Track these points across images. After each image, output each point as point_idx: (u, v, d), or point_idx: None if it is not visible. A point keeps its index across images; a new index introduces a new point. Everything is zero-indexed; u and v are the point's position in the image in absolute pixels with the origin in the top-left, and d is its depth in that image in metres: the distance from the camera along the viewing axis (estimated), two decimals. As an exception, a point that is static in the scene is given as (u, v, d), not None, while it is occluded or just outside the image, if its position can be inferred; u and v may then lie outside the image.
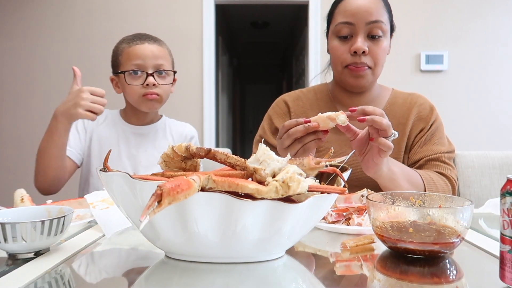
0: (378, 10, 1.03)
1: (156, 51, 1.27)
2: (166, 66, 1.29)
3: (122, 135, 1.34)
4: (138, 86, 1.25)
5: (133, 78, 1.26)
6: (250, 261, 0.57)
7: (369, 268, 0.58)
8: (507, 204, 0.48)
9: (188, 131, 1.43)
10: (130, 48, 1.27)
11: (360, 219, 0.76)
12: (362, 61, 1.04)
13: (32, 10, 3.06)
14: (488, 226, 0.82)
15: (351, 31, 1.04)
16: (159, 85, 1.26)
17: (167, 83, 1.29)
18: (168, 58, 1.32)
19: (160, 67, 1.27)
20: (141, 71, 1.25)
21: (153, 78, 1.24)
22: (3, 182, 3.05)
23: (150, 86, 1.24)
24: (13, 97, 3.08)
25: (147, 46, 1.27)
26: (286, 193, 0.50)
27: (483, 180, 1.37)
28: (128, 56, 1.26)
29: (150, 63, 1.25)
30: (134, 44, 1.27)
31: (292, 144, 0.83)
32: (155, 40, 1.31)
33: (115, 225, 0.75)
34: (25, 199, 0.88)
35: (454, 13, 3.02)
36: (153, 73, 1.25)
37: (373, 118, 0.80)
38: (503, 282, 0.49)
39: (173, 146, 0.63)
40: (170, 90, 1.32)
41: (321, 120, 0.80)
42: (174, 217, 0.51)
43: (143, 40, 1.28)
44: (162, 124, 1.40)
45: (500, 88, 3.05)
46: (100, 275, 0.57)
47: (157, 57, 1.27)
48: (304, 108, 1.18)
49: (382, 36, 1.05)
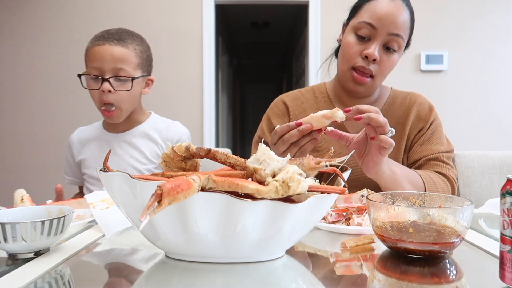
0: (404, 24, 1.02)
1: (116, 54, 1.18)
2: (127, 70, 1.19)
3: (106, 147, 1.29)
4: (97, 91, 1.19)
5: (90, 82, 1.20)
6: (250, 261, 0.57)
7: (369, 268, 0.58)
8: (507, 204, 0.48)
9: (174, 133, 1.35)
10: (92, 48, 1.20)
11: (360, 219, 0.76)
12: (370, 67, 1.03)
13: (32, 10, 3.06)
14: (488, 226, 0.82)
15: (370, 34, 1.03)
16: (116, 92, 1.18)
17: (125, 89, 1.20)
18: (133, 60, 1.21)
19: (118, 72, 1.18)
20: (96, 76, 1.18)
21: (109, 84, 1.17)
22: (3, 182, 3.05)
23: (106, 93, 1.17)
24: (13, 97, 3.08)
25: (107, 48, 1.18)
26: (286, 193, 0.50)
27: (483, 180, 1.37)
28: (89, 57, 1.20)
29: (108, 67, 1.17)
30: (96, 44, 1.19)
31: (288, 148, 0.82)
32: (119, 40, 1.20)
33: (115, 225, 0.75)
34: (25, 199, 0.88)
35: (454, 13, 3.02)
36: (109, 78, 1.17)
37: (369, 115, 0.80)
38: (503, 282, 0.49)
39: (173, 146, 0.63)
40: (133, 97, 1.24)
41: (315, 119, 0.79)
42: (174, 217, 0.51)
43: (105, 40, 1.19)
44: (148, 126, 1.33)
45: (500, 88, 3.05)
46: (100, 275, 0.57)
47: (116, 61, 1.17)
48: (303, 108, 1.18)
49: (396, 50, 1.05)
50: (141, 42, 1.26)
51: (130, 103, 1.24)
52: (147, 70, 1.30)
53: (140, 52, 1.24)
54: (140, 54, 1.24)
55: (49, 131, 3.05)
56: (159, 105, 2.72)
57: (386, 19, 1.00)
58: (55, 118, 3.04)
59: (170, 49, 3.02)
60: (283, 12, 5.02)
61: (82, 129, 1.38)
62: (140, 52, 1.24)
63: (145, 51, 1.28)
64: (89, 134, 1.34)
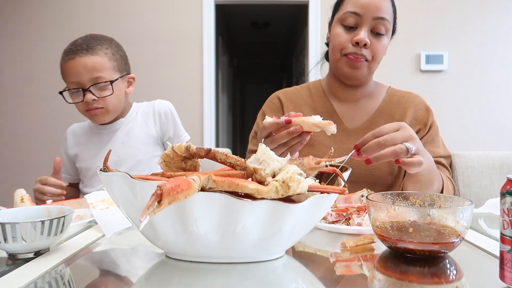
0: (386, 8, 1.05)
1: (89, 64, 1.19)
2: (104, 77, 1.21)
3: (97, 139, 1.34)
4: (81, 103, 1.23)
5: (73, 96, 1.24)
6: (250, 261, 0.57)
7: (369, 268, 0.58)
8: (507, 204, 0.48)
9: (158, 107, 1.36)
10: (65, 64, 1.22)
11: (360, 219, 0.76)
12: (362, 53, 1.05)
13: (32, 10, 3.06)
14: (488, 226, 0.82)
15: (356, 22, 1.05)
16: (99, 99, 1.22)
17: (107, 94, 1.23)
18: (107, 65, 1.23)
19: (96, 80, 1.20)
20: (77, 89, 1.21)
21: (91, 93, 1.20)
22: (3, 182, 3.05)
23: (90, 103, 1.21)
24: (13, 97, 3.08)
25: (78, 61, 1.19)
26: (286, 193, 0.50)
27: (483, 180, 1.36)
28: (65, 74, 1.23)
29: (85, 79, 1.19)
30: (67, 60, 1.21)
31: (277, 147, 0.80)
32: (88, 49, 1.21)
33: (115, 225, 0.75)
34: (25, 199, 0.88)
35: (454, 13, 3.02)
36: (89, 88, 1.20)
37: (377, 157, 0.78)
38: (503, 282, 0.49)
39: (173, 146, 0.63)
40: (118, 98, 1.27)
41: (306, 124, 0.77)
42: (174, 217, 0.51)
43: (75, 54, 1.20)
44: (133, 112, 1.37)
45: (500, 88, 3.05)
46: (100, 275, 0.57)
47: (91, 71, 1.19)
48: (298, 104, 1.18)
49: (384, 34, 1.06)
50: (110, 45, 1.27)
51: (117, 105, 1.28)
52: (125, 69, 1.31)
53: (112, 55, 1.26)
54: (112, 57, 1.26)
55: (49, 131, 3.05)
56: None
57: (369, 5, 1.03)
58: (55, 118, 3.04)
59: (170, 49, 3.02)
60: (283, 12, 5.02)
61: (77, 124, 1.43)
62: (112, 55, 1.26)
63: (117, 52, 1.29)
64: (82, 129, 1.40)
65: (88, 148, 1.35)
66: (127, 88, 1.33)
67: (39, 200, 1.11)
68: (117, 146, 1.31)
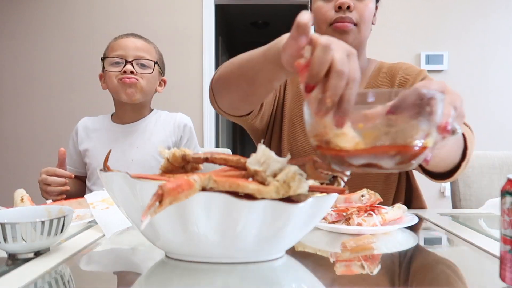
0: None
1: (139, 45, 1.28)
2: (149, 58, 1.28)
3: (112, 137, 1.32)
4: (116, 73, 1.25)
5: (112, 65, 1.26)
6: (250, 261, 0.57)
7: (369, 268, 0.58)
8: (507, 204, 0.48)
9: (180, 119, 1.38)
10: (115, 42, 1.29)
11: (360, 219, 0.76)
12: (347, 15, 0.99)
13: (32, 10, 3.06)
14: (488, 226, 0.82)
15: None
16: (138, 74, 1.25)
17: (147, 72, 1.27)
18: (153, 54, 1.30)
19: (141, 58, 1.26)
20: (120, 59, 1.25)
21: (131, 66, 1.24)
22: (3, 182, 3.05)
23: (127, 73, 1.24)
24: (13, 97, 3.08)
25: (131, 39, 1.28)
26: (286, 193, 0.50)
27: (483, 180, 1.36)
28: (112, 48, 1.28)
29: (131, 54, 1.25)
30: (119, 38, 1.29)
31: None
32: (141, 37, 1.31)
33: (115, 225, 0.75)
34: (25, 199, 0.88)
35: (454, 13, 3.02)
36: (132, 61, 1.24)
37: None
38: (503, 282, 0.49)
39: (168, 158, 0.61)
40: (153, 82, 1.30)
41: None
42: (174, 217, 0.51)
43: (128, 36, 1.30)
44: (153, 117, 1.37)
45: (501, 88, 3.05)
46: (100, 275, 0.57)
47: (139, 49, 1.27)
48: None
49: None
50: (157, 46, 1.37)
51: (148, 90, 1.30)
52: (163, 68, 1.38)
53: (158, 51, 1.35)
54: (158, 52, 1.35)
55: (49, 131, 3.05)
56: (159, 105, 2.70)
57: None
58: (55, 118, 3.04)
59: (170, 49, 3.01)
60: (283, 12, 5.01)
61: (89, 118, 1.40)
62: (158, 51, 1.35)
63: (160, 53, 1.37)
64: (95, 124, 1.36)
65: (100, 145, 1.31)
66: (158, 87, 1.36)
67: (43, 191, 1.09)
68: (133, 150, 1.29)
